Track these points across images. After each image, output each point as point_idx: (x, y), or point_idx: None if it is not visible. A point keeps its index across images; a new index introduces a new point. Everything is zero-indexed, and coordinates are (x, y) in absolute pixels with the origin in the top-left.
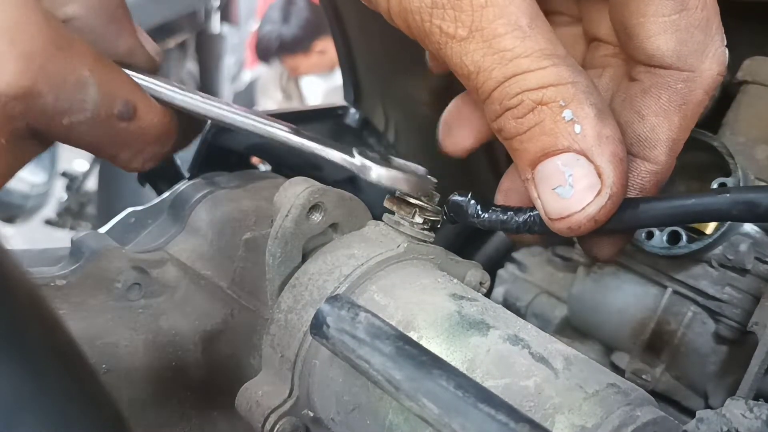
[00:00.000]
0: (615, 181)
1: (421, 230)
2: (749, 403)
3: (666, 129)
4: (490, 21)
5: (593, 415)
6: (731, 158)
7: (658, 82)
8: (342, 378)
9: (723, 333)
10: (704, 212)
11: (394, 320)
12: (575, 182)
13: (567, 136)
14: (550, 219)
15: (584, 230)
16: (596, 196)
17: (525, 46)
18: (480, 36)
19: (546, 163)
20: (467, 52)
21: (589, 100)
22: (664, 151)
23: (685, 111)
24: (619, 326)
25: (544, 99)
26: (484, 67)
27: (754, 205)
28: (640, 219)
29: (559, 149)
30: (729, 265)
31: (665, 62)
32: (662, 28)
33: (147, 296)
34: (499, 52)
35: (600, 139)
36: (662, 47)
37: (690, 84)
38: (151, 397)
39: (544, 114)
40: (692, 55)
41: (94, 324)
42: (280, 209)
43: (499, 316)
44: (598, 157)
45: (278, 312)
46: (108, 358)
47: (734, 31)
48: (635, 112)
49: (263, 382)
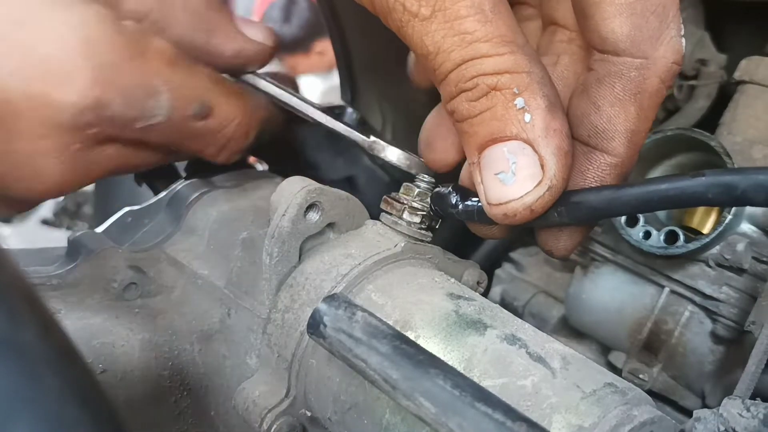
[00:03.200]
0: (556, 174)
1: (419, 230)
2: (746, 402)
3: (623, 120)
4: (454, 2)
5: (590, 415)
6: (728, 158)
7: (612, 71)
8: (339, 377)
9: (720, 332)
10: (679, 196)
11: (391, 320)
12: (518, 170)
13: (516, 123)
14: (488, 204)
15: (519, 219)
16: (536, 186)
17: (485, 30)
18: (442, 16)
19: (492, 149)
20: (428, 32)
21: (543, 91)
22: (623, 142)
23: (641, 100)
24: (616, 326)
25: (498, 85)
26: (443, 48)
27: (730, 188)
28: (615, 205)
29: (507, 136)
30: (726, 265)
31: (618, 47)
32: (618, 11)
33: (144, 296)
34: (460, 34)
35: (548, 131)
36: (616, 30)
37: (644, 72)
38: (147, 397)
39: (497, 99)
40: (646, 42)
41: (90, 324)
42: (277, 208)
43: (496, 315)
44: (543, 148)
45: (275, 311)
46: (104, 358)
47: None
48: (591, 102)
49: (260, 382)
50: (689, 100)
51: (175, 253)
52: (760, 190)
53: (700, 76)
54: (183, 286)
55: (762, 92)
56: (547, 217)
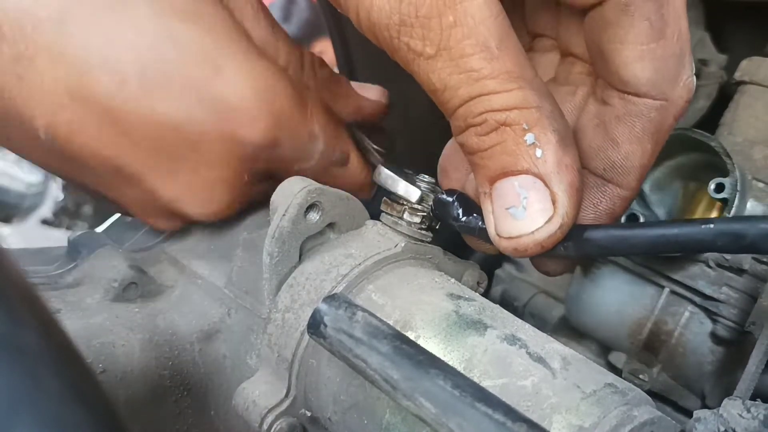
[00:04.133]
0: (568, 211)
1: (419, 230)
2: (746, 402)
3: (639, 156)
4: (458, 41)
5: (591, 415)
6: (729, 158)
7: (632, 110)
8: (339, 377)
9: (720, 333)
10: (687, 243)
11: (391, 320)
12: (529, 205)
13: (527, 158)
14: (498, 236)
15: (529, 254)
16: (547, 223)
17: (492, 67)
18: (447, 55)
19: (504, 182)
20: (434, 70)
21: (553, 126)
22: (636, 177)
23: (658, 138)
24: (616, 326)
25: (507, 120)
26: (450, 85)
27: (739, 237)
28: (623, 247)
29: (518, 170)
30: (726, 265)
31: (640, 90)
32: (639, 56)
33: (144, 296)
34: (466, 72)
35: (560, 167)
36: (639, 75)
37: (663, 112)
38: (147, 396)
39: (507, 135)
40: (666, 84)
41: (90, 323)
42: (278, 208)
43: (496, 315)
44: (555, 184)
45: (275, 311)
46: (104, 358)
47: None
48: (610, 138)
49: (260, 382)
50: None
51: (175, 253)
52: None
53: (700, 76)
54: (183, 285)
55: (762, 93)
56: (554, 250)
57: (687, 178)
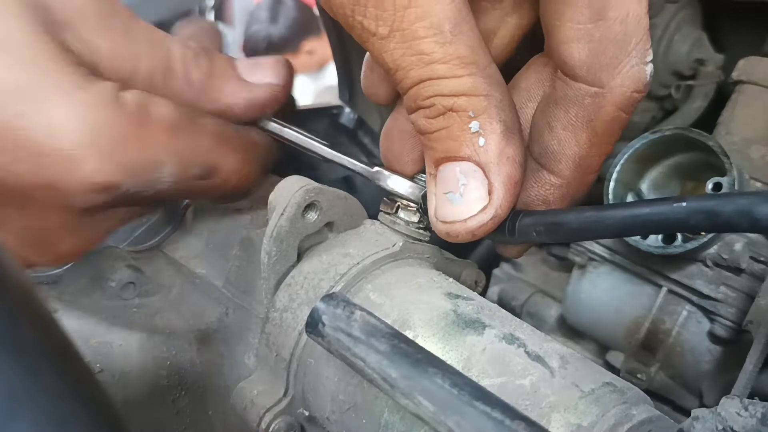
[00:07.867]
0: (502, 203)
1: (417, 229)
2: (744, 401)
3: (572, 144)
4: (411, 22)
5: (589, 414)
6: (726, 158)
7: (568, 95)
8: (337, 377)
9: (718, 332)
10: (660, 222)
11: (389, 319)
12: (466, 192)
13: (470, 146)
14: (435, 218)
15: (461, 240)
16: (480, 212)
17: (444, 51)
18: (400, 36)
19: (447, 166)
20: (387, 50)
21: (500, 116)
22: (569, 166)
23: (594, 128)
24: (614, 325)
25: (455, 106)
26: (402, 66)
27: (713, 214)
28: (595, 228)
29: (460, 156)
30: (724, 265)
31: (575, 72)
32: (576, 36)
33: (141, 295)
34: (418, 54)
35: (501, 158)
36: (574, 55)
37: (598, 100)
38: (145, 396)
39: (453, 120)
40: (603, 70)
41: (88, 323)
42: (276, 208)
43: (494, 315)
44: (494, 175)
45: (273, 311)
46: (102, 358)
47: (730, 31)
48: (546, 122)
49: (258, 381)
50: (687, 100)
51: (173, 253)
52: (744, 215)
53: (697, 76)
54: (181, 285)
55: (760, 92)
56: (526, 234)
57: (685, 178)
